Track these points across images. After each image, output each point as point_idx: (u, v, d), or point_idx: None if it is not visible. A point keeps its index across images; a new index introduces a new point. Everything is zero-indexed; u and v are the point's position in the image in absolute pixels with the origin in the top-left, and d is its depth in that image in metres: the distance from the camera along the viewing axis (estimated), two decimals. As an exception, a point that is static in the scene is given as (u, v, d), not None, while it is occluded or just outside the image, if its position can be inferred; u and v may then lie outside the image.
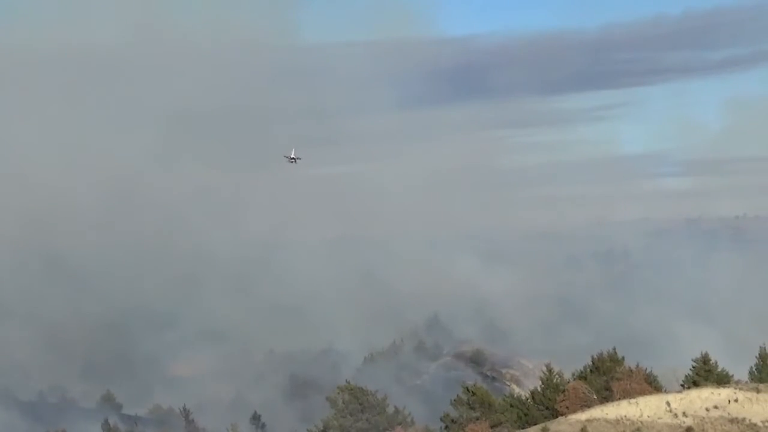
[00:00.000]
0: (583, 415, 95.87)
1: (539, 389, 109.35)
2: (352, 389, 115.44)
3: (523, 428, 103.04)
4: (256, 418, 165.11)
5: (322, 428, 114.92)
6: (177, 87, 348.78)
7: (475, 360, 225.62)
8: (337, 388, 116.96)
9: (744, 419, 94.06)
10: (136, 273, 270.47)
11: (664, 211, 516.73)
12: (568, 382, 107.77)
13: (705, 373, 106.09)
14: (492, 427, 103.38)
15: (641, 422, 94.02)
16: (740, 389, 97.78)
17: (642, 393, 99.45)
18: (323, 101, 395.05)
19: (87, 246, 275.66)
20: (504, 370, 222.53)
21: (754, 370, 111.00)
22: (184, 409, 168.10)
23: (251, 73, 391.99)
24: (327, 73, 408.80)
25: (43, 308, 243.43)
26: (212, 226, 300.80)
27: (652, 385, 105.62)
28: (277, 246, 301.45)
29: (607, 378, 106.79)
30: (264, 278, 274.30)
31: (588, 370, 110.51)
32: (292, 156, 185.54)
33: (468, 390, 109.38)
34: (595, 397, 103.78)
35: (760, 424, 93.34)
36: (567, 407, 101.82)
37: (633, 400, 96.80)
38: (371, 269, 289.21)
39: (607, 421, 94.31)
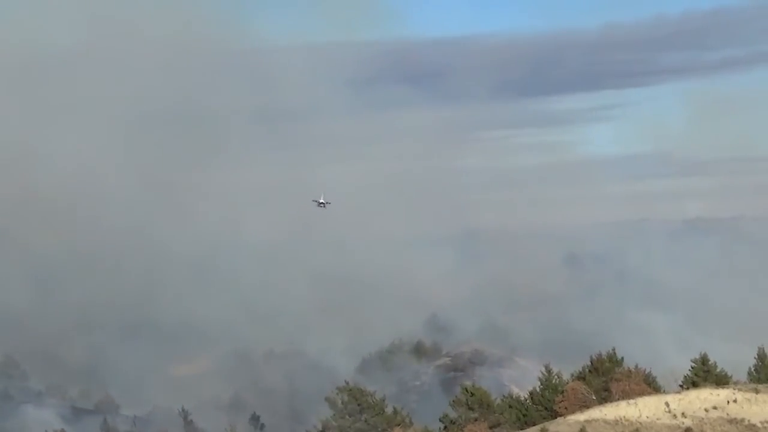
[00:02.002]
0: (581, 416, 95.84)
1: (538, 390, 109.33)
2: (350, 390, 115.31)
3: (521, 429, 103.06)
4: (254, 419, 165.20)
5: (320, 429, 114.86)
6: (135, 87, 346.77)
7: (474, 360, 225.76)
8: (336, 388, 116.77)
9: (743, 420, 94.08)
10: (109, 272, 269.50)
11: (663, 211, 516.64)
12: (567, 383, 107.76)
13: (704, 374, 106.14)
14: (491, 428, 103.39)
15: (640, 423, 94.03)
16: (739, 390, 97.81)
17: (641, 394, 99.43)
18: (298, 102, 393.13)
19: (52, 244, 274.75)
20: (503, 371, 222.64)
21: (752, 370, 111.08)
22: (183, 409, 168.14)
23: (211, 73, 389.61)
24: (305, 75, 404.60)
25: (34, 308, 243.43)
26: (183, 226, 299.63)
27: (650, 385, 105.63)
28: (260, 246, 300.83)
29: (606, 379, 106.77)
30: (253, 280, 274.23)
31: (587, 370, 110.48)
32: (321, 201, 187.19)
33: (467, 390, 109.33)
34: (593, 397, 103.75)
35: (758, 424, 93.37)
36: (566, 408, 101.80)
37: (632, 401, 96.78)
38: (367, 269, 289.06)
39: (605, 421, 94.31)
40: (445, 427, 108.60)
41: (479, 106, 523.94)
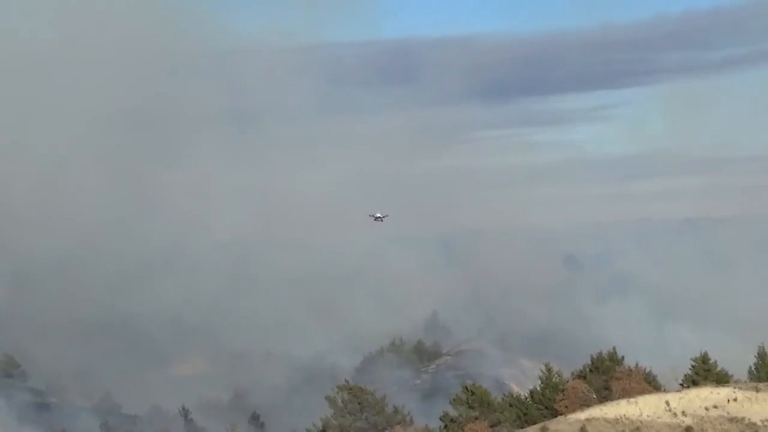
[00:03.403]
0: (582, 415, 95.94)
1: (538, 388, 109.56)
2: (351, 388, 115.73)
3: (522, 427, 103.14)
4: (255, 418, 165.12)
5: (321, 427, 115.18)
6: (102, 89, 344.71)
7: (474, 359, 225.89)
8: (336, 387, 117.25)
9: (743, 418, 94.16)
10: (89, 271, 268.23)
11: (664, 211, 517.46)
12: (568, 382, 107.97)
13: (704, 373, 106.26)
14: (491, 427, 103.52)
15: (640, 421, 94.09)
16: (739, 388, 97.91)
17: (641, 392, 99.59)
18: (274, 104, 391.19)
19: (28, 241, 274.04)
20: (503, 370, 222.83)
21: (753, 369, 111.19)
22: (183, 408, 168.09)
23: (186, 73, 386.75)
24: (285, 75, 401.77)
25: (38, 309, 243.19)
26: (162, 225, 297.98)
27: (651, 384, 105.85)
28: (250, 246, 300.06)
29: (607, 377, 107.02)
30: (248, 278, 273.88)
31: (587, 369, 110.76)
32: (378, 215, 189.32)
33: (467, 389, 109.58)
34: (594, 396, 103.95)
35: (759, 423, 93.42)
36: (566, 406, 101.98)
37: (632, 400, 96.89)
38: (367, 268, 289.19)
39: (606, 420, 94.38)
40: (446, 426, 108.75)
41: (478, 106, 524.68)
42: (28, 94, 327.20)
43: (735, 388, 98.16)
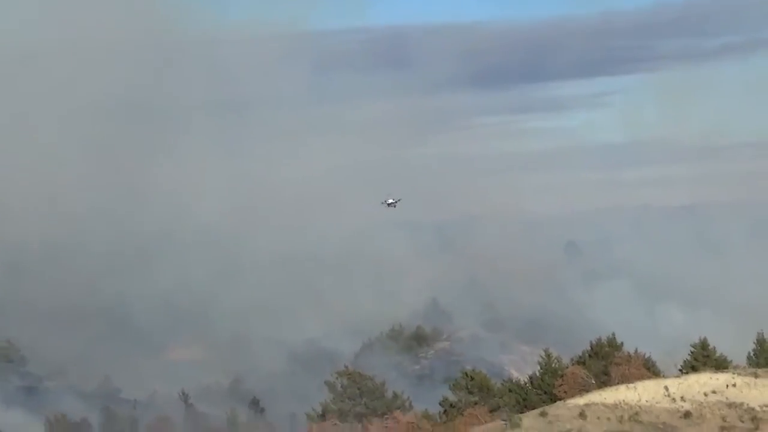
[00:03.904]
0: (581, 400, 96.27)
1: (538, 374, 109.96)
2: (350, 374, 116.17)
3: (521, 413, 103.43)
4: (255, 403, 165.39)
5: (320, 412, 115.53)
6: (91, 79, 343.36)
7: (474, 345, 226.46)
8: (336, 372, 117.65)
9: (742, 404, 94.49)
10: (82, 259, 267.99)
11: (661, 197, 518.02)
12: (567, 367, 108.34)
13: (703, 358, 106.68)
14: (491, 412, 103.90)
15: (639, 407, 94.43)
16: (738, 374, 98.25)
17: (640, 378, 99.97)
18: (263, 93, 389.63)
19: (19, 231, 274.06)
20: (502, 355, 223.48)
21: (751, 355, 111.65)
22: (183, 393, 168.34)
23: (175, 63, 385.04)
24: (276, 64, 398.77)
25: (38, 294, 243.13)
26: (155, 214, 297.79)
27: (650, 369, 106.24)
28: (243, 232, 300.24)
29: (606, 363, 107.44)
30: (247, 265, 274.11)
31: (586, 355, 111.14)
32: (390, 201, 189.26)
33: (466, 374, 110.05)
34: (593, 381, 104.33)
35: (757, 408, 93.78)
36: (565, 392, 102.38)
37: (631, 385, 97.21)
38: (368, 255, 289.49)
39: (605, 405, 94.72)
40: (445, 411, 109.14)
41: (475, 93, 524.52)
42: (18, 85, 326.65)
43: (734, 373, 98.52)
